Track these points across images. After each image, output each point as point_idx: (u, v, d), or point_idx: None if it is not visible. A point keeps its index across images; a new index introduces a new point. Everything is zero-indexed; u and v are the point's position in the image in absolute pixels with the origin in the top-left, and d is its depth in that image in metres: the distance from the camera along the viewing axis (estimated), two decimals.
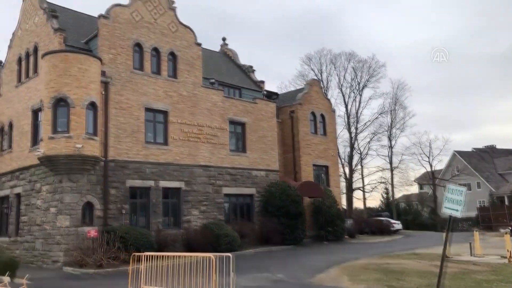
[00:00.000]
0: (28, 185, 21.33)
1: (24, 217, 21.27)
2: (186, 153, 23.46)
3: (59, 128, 18.91)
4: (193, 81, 24.45)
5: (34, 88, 21.94)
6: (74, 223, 18.93)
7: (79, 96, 19.09)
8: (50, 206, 19.56)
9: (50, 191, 19.67)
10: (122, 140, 21.01)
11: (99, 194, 19.92)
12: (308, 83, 33.61)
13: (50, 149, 18.72)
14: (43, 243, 19.60)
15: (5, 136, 23.99)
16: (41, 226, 19.95)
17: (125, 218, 20.54)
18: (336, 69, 52.81)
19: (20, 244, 21.15)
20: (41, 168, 20.39)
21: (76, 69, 19.18)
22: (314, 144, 32.06)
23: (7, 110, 24.17)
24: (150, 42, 22.83)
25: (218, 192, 24.65)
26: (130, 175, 21.09)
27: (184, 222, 22.78)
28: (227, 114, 25.89)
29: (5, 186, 23.27)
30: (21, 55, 23.48)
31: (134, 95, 21.77)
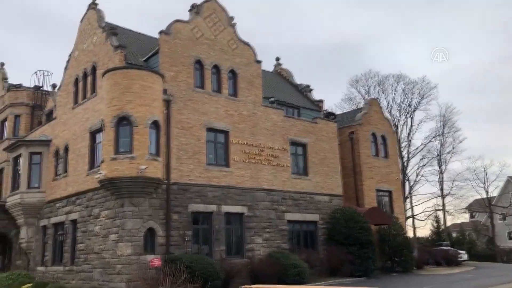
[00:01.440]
0: (85, 211, 20.17)
1: (80, 245, 20.04)
2: (247, 175, 21.93)
3: (122, 149, 17.79)
4: (253, 99, 23.15)
5: (91, 109, 21.10)
6: (136, 251, 17.49)
7: (142, 115, 17.99)
8: (109, 232, 18.24)
9: (110, 217, 18.39)
10: (184, 161, 19.70)
11: (161, 219, 18.51)
12: (367, 103, 31.84)
13: (113, 171, 17.54)
14: (102, 273, 18.21)
15: (61, 160, 23.14)
16: (99, 255, 18.61)
17: (187, 246, 19.00)
18: (385, 91, 50.85)
19: (76, 274, 19.85)
20: (100, 192, 19.24)
21: (139, 86, 18.16)
22: (376, 167, 29.99)
23: (62, 133, 23.42)
24: (210, 60, 21.77)
25: (281, 218, 22.86)
26: (192, 199, 19.66)
27: (247, 251, 21.03)
28: (288, 135, 24.35)
29: (60, 212, 22.23)
30: (78, 76, 22.85)
31: (195, 114, 20.58)
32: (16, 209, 24.29)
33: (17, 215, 24.46)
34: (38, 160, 24.39)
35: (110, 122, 17.94)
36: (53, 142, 24.06)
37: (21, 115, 28.76)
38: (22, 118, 28.73)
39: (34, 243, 24.16)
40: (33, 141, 24.45)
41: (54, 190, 23.17)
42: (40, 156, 24.37)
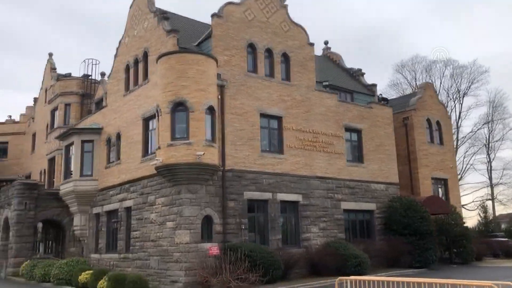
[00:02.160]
0: (140, 198, 19.99)
1: (135, 232, 19.90)
2: (302, 163, 21.19)
3: (178, 135, 17.37)
4: (307, 84, 22.30)
5: (144, 95, 20.82)
6: (194, 239, 17.12)
7: (198, 100, 17.50)
8: (166, 220, 17.96)
9: (166, 204, 18.10)
10: (238, 148, 19.16)
11: (217, 206, 18.07)
12: (421, 87, 30.46)
13: (169, 157, 17.17)
14: (159, 261, 17.97)
15: (113, 147, 23.08)
16: (156, 242, 18.38)
17: (244, 234, 18.51)
18: (432, 77, 48.77)
19: (131, 262, 19.74)
20: (155, 179, 18.98)
21: (194, 71, 17.66)
22: (431, 154, 28.65)
23: (114, 121, 23.32)
24: (263, 43, 21.05)
25: (337, 207, 22.04)
26: (247, 187, 19.12)
27: (303, 240, 20.37)
28: (342, 120, 23.40)
29: (113, 200, 22.19)
30: (129, 62, 22.62)
31: (249, 99, 19.96)
32: (69, 197, 24.49)
33: (71, 203, 24.68)
34: (90, 148, 24.44)
35: (166, 107, 17.53)
36: (105, 130, 24.03)
37: (71, 104, 29.02)
38: (72, 106, 28.97)
39: (87, 230, 24.35)
40: (84, 129, 24.51)
41: (107, 178, 23.16)
42: (92, 144, 24.41)
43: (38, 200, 26.07)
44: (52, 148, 29.32)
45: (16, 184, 26.00)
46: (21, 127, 38.56)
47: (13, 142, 38.38)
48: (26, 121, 38.32)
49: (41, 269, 20.03)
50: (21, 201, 25.45)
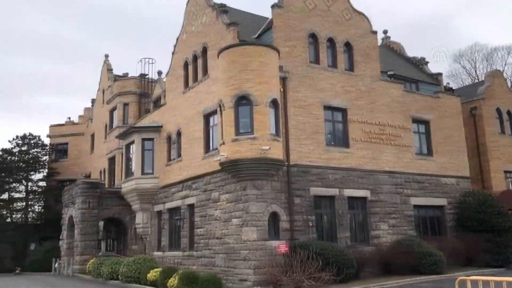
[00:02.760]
0: (203, 195, 19.73)
1: (199, 230, 19.66)
2: (368, 157, 20.21)
3: (242, 129, 16.90)
4: (370, 73, 21.28)
5: (204, 91, 20.55)
6: (262, 236, 16.59)
7: (262, 93, 16.95)
8: (232, 217, 17.55)
9: (231, 200, 17.69)
10: (302, 142, 18.47)
11: (283, 203, 17.47)
12: (489, 75, 28.50)
13: (234, 153, 16.73)
14: (225, 259, 17.60)
15: (173, 145, 23.01)
16: (221, 240, 18.02)
17: (312, 231, 17.81)
18: (493, 65, 45.98)
19: (196, 259, 19.51)
20: (218, 175, 18.65)
21: (257, 63, 17.12)
22: (503, 146, 26.76)
23: (173, 118, 23.26)
24: (324, 32, 20.23)
25: (406, 202, 20.90)
26: (313, 182, 18.39)
27: (373, 238, 19.40)
28: (409, 111, 22.18)
29: (176, 197, 22.10)
30: (187, 59, 22.46)
31: (312, 91, 19.21)
32: (131, 195, 24.70)
33: (132, 201, 24.88)
34: (150, 146, 24.54)
35: (230, 102, 17.11)
36: (164, 127, 24.03)
37: (129, 103, 29.37)
38: (131, 106, 29.32)
39: (149, 228, 24.45)
40: (145, 127, 24.62)
41: (168, 175, 23.13)
42: (152, 142, 24.50)
43: (100, 199, 26.52)
44: (112, 147, 29.81)
45: (79, 183, 26.55)
46: (79, 128, 39.66)
47: (73, 143, 39.53)
48: (84, 122, 39.37)
49: (108, 267, 20.20)
50: (84, 200, 25.96)
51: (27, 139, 37.78)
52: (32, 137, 37.95)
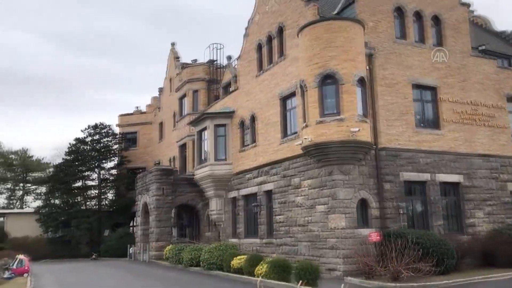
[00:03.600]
0: (282, 181, 18.99)
1: (279, 217, 18.96)
2: (461, 139, 18.59)
3: (328, 110, 15.92)
4: (461, 49, 19.52)
5: (281, 73, 19.71)
6: (350, 224, 15.63)
7: (348, 71, 15.84)
8: (316, 203, 16.69)
9: (315, 186, 16.81)
10: (391, 123, 17.19)
11: (372, 189, 16.37)
12: None
13: (319, 135, 15.80)
14: (310, 247, 16.80)
15: (247, 130, 22.43)
16: (305, 227, 17.23)
17: (403, 219, 16.59)
18: None
19: (276, 247, 18.87)
20: (299, 160, 17.83)
21: (342, 39, 16.01)
22: None
23: (246, 103, 22.64)
24: (411, 5, 18.71)
25: (503, 188, 19.12)
26: (403, 167, 17.11)
27: (468, 226, 17.86)
28: (503, 89, 20.24)
29: (251, 184, 21.54)
30: (260, 41, 21.68)
31: (399, 69, 17.83)
32: (205, 181, 24.46)
33: (206, 187, 24.65)
34: (222, 132, 24.15)
35: (313, 82, 16.15)
36: (237, 113, 23.50)
37: (198, 90, 29.15)
38: (200, 93, 29.09)
39: (223, 215, 24.14)
40: (218, 113, 24.22)
41: (242, 161, 22.62)
42: (225, 128, 24.09)
43: (174, 186, 26.57)
44: (183, 134, 29.78)
45: (153, 170, 26.72)
46: (147, 117, 40.21)
47: (142, 131, 40.17)
48: (152, 111, 39.85)
49: (188, 254, 20.04)
50: (159, 187, 26.09)
51: (98, 128, 38.81)
52: (103, 126, 38.94)
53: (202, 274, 17.79)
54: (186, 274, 18.13)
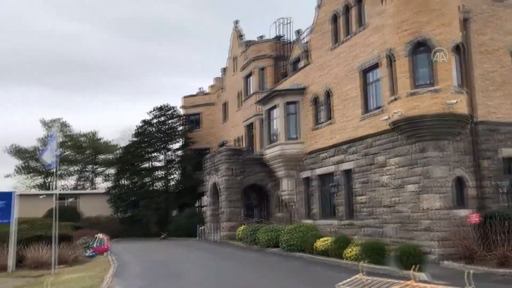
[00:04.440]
0: (364, 159, 17.90)
1: (361, 197, 17.95)
2: None
3: (421, 81, 14.60)
4: None
5: (361, 44, 18.44)
6: (446, 204, 14.38)
7: (443, 37, 14.37)
8: (405, 182, 15.52)
9: (404, 164, 15.62)
10: (490, 94, 15.58)
11: (468, 167, 14.99)
12: None
13: (411, 109, 14.53)
14: (398, 229, 15.71)
15: (321, 107, 21.40)
16: (392, 208, 16.13)
17: (502, 200, 15.08)
18: None
19: (358, 229, 17.90)
20: (384, 136, 16.65)
21: (436, 2, 14.51)
22: None
23: (320, 79, 21.57)
24: None
25: None
26: (502, 142, 15.52)
27: None
28: None
29: (327, 163, 20.60)
30: (336, 11, 20.42)
31: (498, 34, 16.07)
32: (275, 161, 23.80)
33: (277, 167, 24.00)
34: (293, 110, 23.28)
35: (403, 50, 14.82)
36: (309, 89, 22.50)
37: (265, 68, 28.34)
38: (267, 70, 28.28)
39: (295, 195, 23.43)
40: (288, 90, 23.34)
41: (315, 140, 21.68)
42: (296, 106, 23.20)
43: (243, 166, 26.16)
44: (249, 114, 29.21)
45: (223, 150, 26.43)
46: (211, 98, 40.05)
47: (205, 113, 40.12)
48: (215, 92, 39.63)
49: (264, 234, 19.55)
50: (228, 167, 25.79)
51: (163, 110, 39.16)
52: (168, 108, 39.24)
53: (284, 256, 17.15)
54: (267, 256, 17.58)
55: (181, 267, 15.15)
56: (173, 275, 13.12)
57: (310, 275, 12.17)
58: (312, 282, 10.87)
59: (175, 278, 12.52)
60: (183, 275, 13.00)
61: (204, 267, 15.11)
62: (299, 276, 12.28)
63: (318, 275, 12.10)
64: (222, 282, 11.77)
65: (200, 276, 12.82)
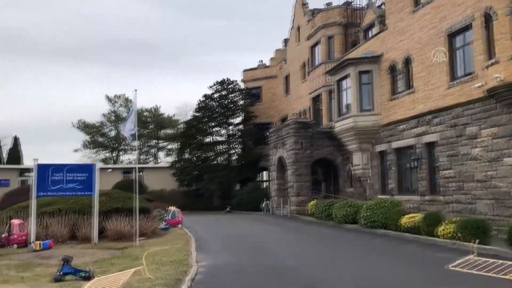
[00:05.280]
0: (451, 131, 16.52)
1: (447, 171, 16.65)
2: None
3: None
4: None
5: (448, 4, 16.79)
6: None
7: None
8: (502, 155, 14.10)
9: (502, 135, 14.16)
10: None
11: None
12: None
13: None
14: (494, 206, 14.40)
15: (400, 75, 20.00)
16: (485, 183, 14.79)
17: None
18: None
19: (443, 205, 16.68)
20: (476, 105, 15.21)
21: None
22: None
23: (398, 45, 20.09)
24: None
25: None
26: None
27: None
28: None
29: (406, 135, 19.33)
30: None
31: None
32: (347, 134, 22.76)
33: (349, 141, 22.96)
34: (367, 79, 22.00)
35: (505, 8, 13.23)
36: (385, 56, 21.08)
37: (334, 36, 26.98)
38: (335, 39, 26.92)
39: (369, 170, 22.37)
40: (362, 59, 22.02)
41: (393, 111, 20.39)
42: (369, 75, 21.89)
43: (311, 139, 25.34)
44: (316, 86, 28.13)
45: (291, 123, 25.68)
46: (272, 71, 39.18)
47: (266, 86, 39.40)
48: (276, 64, 38.68)
49: (340, 210, 18.77)
50: (297, 140, 25.06)
51: (225, 84, 38.83)
52: (229, 82, 38.86)
53: (366, 233, 16.25)
54: (347, 232, 16.73)
55: (262, 241, 14.67)
56: (259, 250, 12.64)
57: (410, 256, 11.19)
58: (416, 264, 9.92)
59: (264, 253, 12.03)
60: (270, 250, 12.48)
61: (286, 242, 14.51)
62: (399, 256, 11.30)
63: (418, 255, 11.13)
64: (315, 258, 11.06)
65: (288, 252, 12.21)
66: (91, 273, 8.40)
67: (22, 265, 10.46)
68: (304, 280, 8.29)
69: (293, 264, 10.14)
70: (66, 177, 14.05)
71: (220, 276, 8.96)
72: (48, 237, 14.29)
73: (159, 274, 8.65)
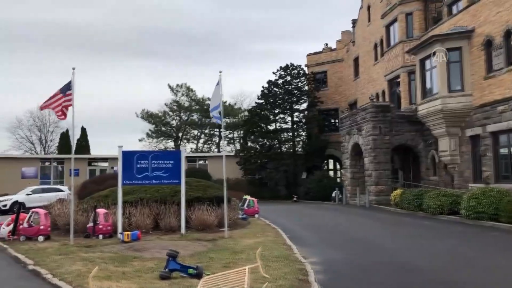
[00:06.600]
0: None
1: None
2: None
3: None
4: None
5: None
6: None
7: None
8: None
9: None
10: None
11: None
12: None
13: None
14: None
15: (498, 50, 17.99)
16: None
17: None
18: None
19: None
20: None
21: None
22: None
23: (494, 17, 18.08)
24: None
25: None
26: None
27: None
28: None
29: (506, 117, 17.42)
30: None
31: None
32: (433, 117, 21.02)
33: (435, 125, 21.21)
34: (456, 57, 20.12)
35: None
36: (478, 31, 19.10)
37: (413, 13, 25.05)
38: (415, 15, 24.99)
39: (458, 156, 20.55)
40: (450, 34, 20.14)
41: (489, 90, 18.46)
42: (459, 53, 19.99)
43: (390, 124, 23.73)
44: (394, 66, 26.31)
45: (368, 107, 24.19)
46: (338, 54, 37.54)
47: (332, 70, 37.84)
48: (343, 47, 36.96)
49: (435, 199, 17.19)
50: (375, 125, 23.57)
51: (289, 69, 37.62)
52: (294, 67, 37.61)
53: (470, 225, 14.58)
54: (448, 224, 15.02)
55: (361, 235, 13.37)
56: (364, 245, 11.41)
57: None
58: None
59: (373, 248, 10.79)
60: (378, 246, 11.17)
61: (388, 236, 13.05)
62: None
63: None
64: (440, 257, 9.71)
65: (400, 248, 10.81)
66: (200, 270, 7.67)
67: (117, 258, 9.96)
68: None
69: (420, 264, 8.90)
70: (151, 165, 13.51)
71: (347, 278, 7.89)
72: (131, 227, 13.89)
73: (272, 272, 7.78)
